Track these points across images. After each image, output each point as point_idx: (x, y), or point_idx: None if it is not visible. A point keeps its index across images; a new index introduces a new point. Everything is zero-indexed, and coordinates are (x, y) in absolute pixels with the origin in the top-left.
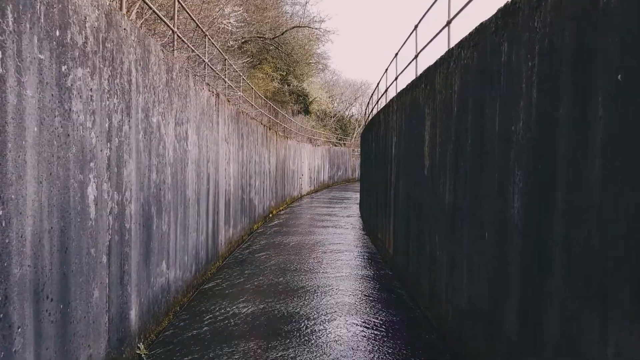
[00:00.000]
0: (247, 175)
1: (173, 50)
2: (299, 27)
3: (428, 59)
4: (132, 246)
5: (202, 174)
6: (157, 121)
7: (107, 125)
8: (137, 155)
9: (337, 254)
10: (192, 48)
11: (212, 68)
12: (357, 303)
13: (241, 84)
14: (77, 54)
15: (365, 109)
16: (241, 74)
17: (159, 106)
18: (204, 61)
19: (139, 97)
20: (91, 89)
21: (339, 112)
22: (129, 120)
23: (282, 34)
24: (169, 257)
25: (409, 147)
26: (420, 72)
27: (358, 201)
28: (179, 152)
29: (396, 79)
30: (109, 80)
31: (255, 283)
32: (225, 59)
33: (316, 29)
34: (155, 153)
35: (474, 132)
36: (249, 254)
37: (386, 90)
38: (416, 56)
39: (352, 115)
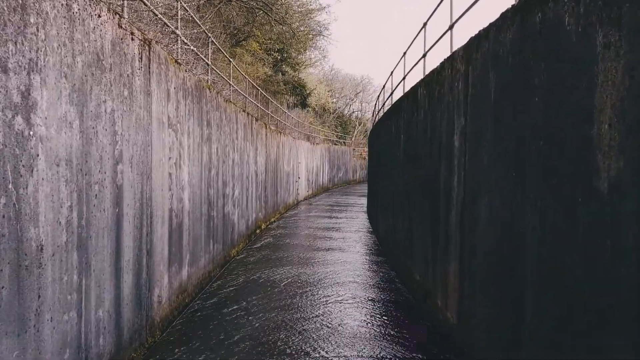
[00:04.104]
0: (218, 181)
1: None
2: None
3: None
4: None
5: (96, 186)
6: None
7: None
8: None
9: (354, 307)
10: None
11: None
12: None
13: (210, 47)
14: None
15: (379, 95)
16: (203, 27)
17: None
18: None
19: None
20: None
21: (339, 108)
22: None
23: None
24: None
25: (514, 133)
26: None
27: (364, 208)
28: None
29: (451, 27)
30: None
31: None
32: None
33: None
34: None
35: None
36: (213, 307)
37: (424, 55)
38: None
39: (353, 113)
